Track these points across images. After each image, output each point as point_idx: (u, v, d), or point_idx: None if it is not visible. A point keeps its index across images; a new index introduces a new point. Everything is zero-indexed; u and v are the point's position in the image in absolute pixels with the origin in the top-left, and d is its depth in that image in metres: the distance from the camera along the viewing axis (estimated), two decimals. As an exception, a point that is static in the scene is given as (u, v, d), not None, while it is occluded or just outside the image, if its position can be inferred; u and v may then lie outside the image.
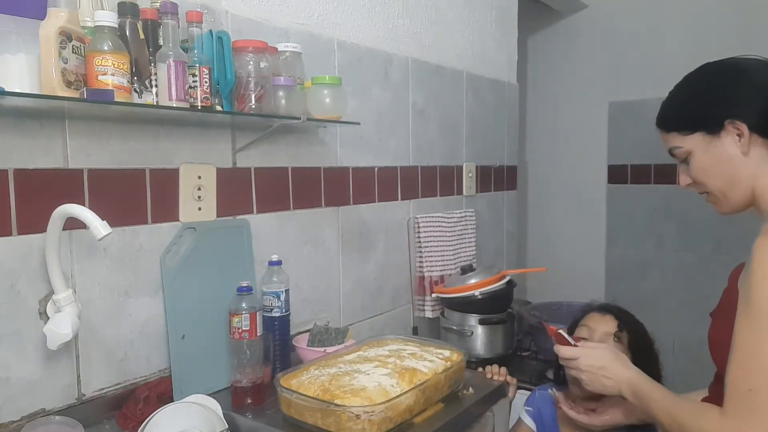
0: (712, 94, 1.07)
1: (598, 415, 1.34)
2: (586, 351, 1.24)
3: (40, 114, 1.10)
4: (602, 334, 1.43)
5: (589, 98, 3.26)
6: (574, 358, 1.24)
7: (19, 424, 1.08)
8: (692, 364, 1.85)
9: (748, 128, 1.02)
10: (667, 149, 1.14)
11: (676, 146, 1.11)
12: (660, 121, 1.15)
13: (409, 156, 2.07)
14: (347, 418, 1.08)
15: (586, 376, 1.22)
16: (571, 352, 1.25)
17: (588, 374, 1.22)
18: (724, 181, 1.07)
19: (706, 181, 1.09)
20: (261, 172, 1.53)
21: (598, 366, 1.20)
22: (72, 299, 1.09)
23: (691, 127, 1.08)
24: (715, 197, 1.10)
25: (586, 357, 1.23)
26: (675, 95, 1.14)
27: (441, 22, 2.21)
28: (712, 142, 1.06)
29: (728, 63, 1.09)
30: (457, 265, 2.19)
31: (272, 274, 1.43)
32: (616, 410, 1.31)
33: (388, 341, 1.44)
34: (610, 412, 1.32)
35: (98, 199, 1.19)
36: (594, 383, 1.22)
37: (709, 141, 1.06)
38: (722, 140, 1.05)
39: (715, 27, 2.81)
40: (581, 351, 1.24)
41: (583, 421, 1.35)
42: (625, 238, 3.24)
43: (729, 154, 1.05)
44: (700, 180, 1.10)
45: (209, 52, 1.22)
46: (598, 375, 1.20)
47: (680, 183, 1.14)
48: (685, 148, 1.09)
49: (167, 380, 1.29)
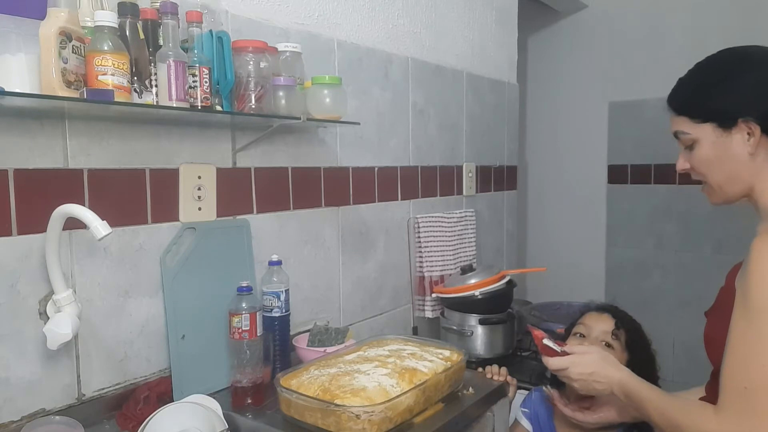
0: (730, 87, 1.04)
1: (592, 412, 1.34)
2: (574, 359, 1.22)
3: (40, 114, 1.10)
4: (599, 332, 1.44)
5: (589, 98, 3.26)
6: (563, 368, 1.23)
7: (19, 424, 1.08)
8: (692, 364, 1.85)
9: (761, 130, 1.01)
10: (673, 131, 1.12)
11: (684, 132, 1.09)
12: (672, 100, 1.12)
13: (409, 156, 2.07)
14: (347, 418, 1.08)
15: (578, 383, 1.22)
16: (560, 363, 1.23)
17: (580, 381, 1.21)
18: (724, 176, 1.06)
19: (707, 172, 1.08)
20: (261, 172, 1.53)
21: (587, 372, 1.20)
22: (72, 299, 1.10)
23: (703, 116, 1.06)
24: (711, 188, 1.10)
25: (575, 365, 1.21)
26: (694, 77, 1.10)
27: (441, 22, 2.21)
28: (722, 137, 1.04)
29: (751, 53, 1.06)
30: (457, 265, 2.19)
31: (272, 274, 1.43)
32: (610, 408, 1.31)
33: (388, 341, 1.44)
34: (604, 410, 1.32)
35: (98, 199, 1.19)
36: (586, 388, 1.22)
37: (719, 135, 1.04)
38: (732, 136, 1.03)
39: (715, 27, 2.81)
40: (570, 360, 1.22)
41: (577, 419, 1.35)
42: (625, 238, 3.24)
43: (736, 151, 1.04)
44: (701, 171, 1.09)
45: (209, 52, 1.22)
46: (589, 381, 1.20)
47: (678, 166, 1.13)
48: (693, 136, 1.07)
49: (167, 380, 1.29)
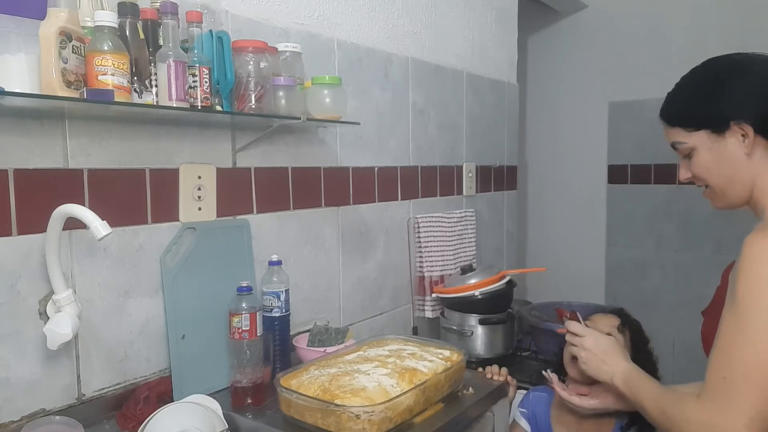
0: (719, 93, 1.07)
1: (590, 398, 1.34)
2: (593, 332, 1.30)
3: (40, 114, 1.10)
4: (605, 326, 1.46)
5: (589, 98, 3.26)
6: (581, 335, 1.29)
7: (19, 424, 1.08)
8: (692, 364, 1.84)
9: (753, 131, 1.03)
10: (670, 142, 1.15)
11: (680, 141, 1.12)
12: (664, 113, 1.15)
13: (409, 156, 2.07)
14: (347, 418, 1.08)
15: (586, 355, 1.26)
16: (580, 328, 1.30)
17: (588, 354, 1.26)
18: (724, 180, 1.08)
19: (708, 178, 1.10)
20: (261, 172, 1.53)
21: (600, 349, 1.25)
22: (72, 299, 1.09)
23: (696, 124, 1.09)
24: (714, 192, 1.12)
25: (593, 337, 1.28)
26: (681, 89, 1.14)
27: (441, 22, 2.21)
28: (717, 141, 1.07)
29: (736, 60, 1.09)
30: (457, 265, 2.19)
31: (272, 274, 1.43)
32: (608, 395, 1.31)
33: (388, 341, 1.44)
34: (601, 397, 1.33)
35: (98, 199, 1.19)
36: (590, 364, 1.25)
37: (714, 140, 1.07)
38: (727, 140, 1.06)
39: (715, 27, 2.81)
40: (589, 331, 1.30)
41: (574, 403, 1.36)
42: (625, 238, 3.24)
43: (732, 154, 1.06)
44: (702, 176, 1.11)
45: (209, 52, 1.22)
46: (597, 357, 1.25)
47: (680, 176, 1.15)
48: (689, 144, 1.10)
49: (167, 380, 1.29)
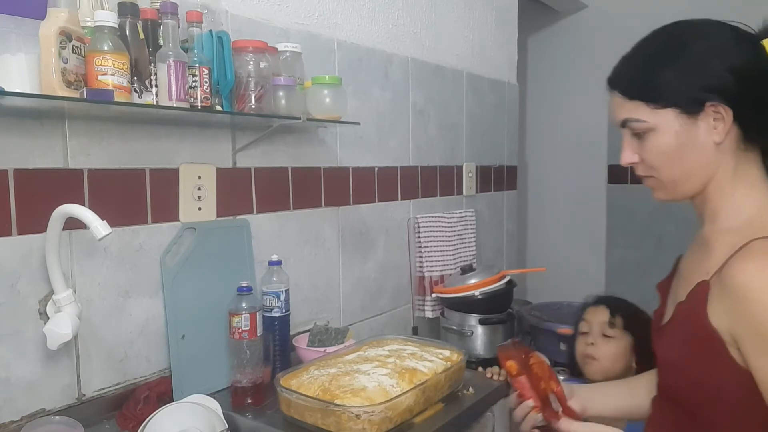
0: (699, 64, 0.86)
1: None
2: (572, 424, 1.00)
3: (40, 114, 1.10)
4: (598, 325, 1.59)
5: (589, 98, 3.26)
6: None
7: (19, 424, 1.08)
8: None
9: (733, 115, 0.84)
10: (620, 119, 0.91)
11: (638, 119, 0.88)
12: (620, 82, 0.91)
13: (409, 156, 2.07)
14: (347, 418, 1.08)
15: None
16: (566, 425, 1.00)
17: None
18: (682, 171, 0.89)
19: (661, 166, 0.89)
20: (261, 172, 1.53)
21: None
22: (72, 299, 1.09)
23: (664, 100, 0.87)
24: (661, 183, 0.91)
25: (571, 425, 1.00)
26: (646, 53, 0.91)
27: (441, 22, 2.21)
28: (687, 124, 0.86)
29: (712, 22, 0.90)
30: (457, 265, 2.19)
31: (272, 274, 1.43)
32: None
33: (388, 341, 1.44)
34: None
35: (98, 199, 1.19)
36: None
37: (684, 122, 0.86)
38: (698, 123, 0.86)
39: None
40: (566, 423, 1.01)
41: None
42: (625, 238, 3.24)
43: (701, 141, 0.86)
44: (654, 164, 0.90)
45: (209, 52, 1.22)
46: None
47: (624, 160, 0.93)
48: (650, 124, 0.88)
49: (167, 380, 1.29)
